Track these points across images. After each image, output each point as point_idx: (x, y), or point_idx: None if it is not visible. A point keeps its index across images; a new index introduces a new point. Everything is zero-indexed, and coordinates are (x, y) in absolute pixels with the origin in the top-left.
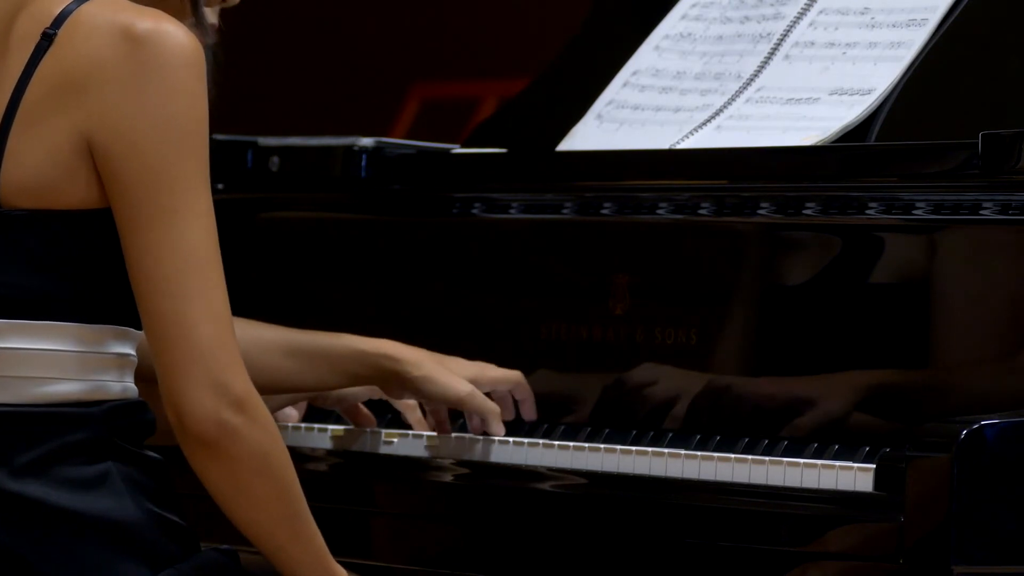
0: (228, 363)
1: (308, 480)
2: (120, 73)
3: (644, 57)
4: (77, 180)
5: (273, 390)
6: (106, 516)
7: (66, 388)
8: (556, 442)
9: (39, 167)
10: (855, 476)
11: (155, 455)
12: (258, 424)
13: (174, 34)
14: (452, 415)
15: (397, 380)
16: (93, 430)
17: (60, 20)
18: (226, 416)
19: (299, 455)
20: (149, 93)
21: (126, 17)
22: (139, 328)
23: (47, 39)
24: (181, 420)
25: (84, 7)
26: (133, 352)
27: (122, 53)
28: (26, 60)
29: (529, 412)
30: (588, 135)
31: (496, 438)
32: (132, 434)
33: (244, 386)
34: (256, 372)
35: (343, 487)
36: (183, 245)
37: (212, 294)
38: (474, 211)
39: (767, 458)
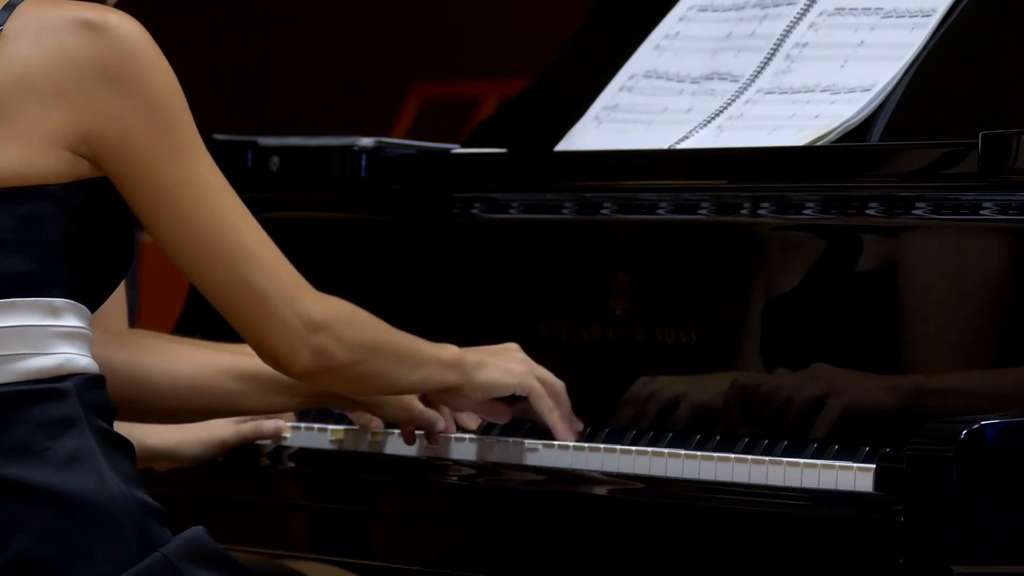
0: (294, 298)
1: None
2: (96, 68)
3: (643, 58)
4: (50, 164)
5: (227, 413)
6: (92, 498)
7: (37, 363)
8: (556, 442)
9: (6, 156)
10: (855, 476)
11: (124, 436)
12: (346, 329)
13: (122, 22)
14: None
15: (346, 400)
16: (69, 405)
17: (1, 18)
18: (315, 344)
19: (302, 455)
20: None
21: (72, 11)
22: (92, 307)
23: None
24: (284, 368)
25: (20, 7)
26: (88, 327)
27: (90, 43)
28: None
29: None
30: (587, 136)
31: (494, 437)
32: (104, 411)
33: (316, 308)
34: (207, 396)
35: (344, 487)
36: (205, 209)
37: (253, 242)
38: (474, 211)
39: (767, 458)
